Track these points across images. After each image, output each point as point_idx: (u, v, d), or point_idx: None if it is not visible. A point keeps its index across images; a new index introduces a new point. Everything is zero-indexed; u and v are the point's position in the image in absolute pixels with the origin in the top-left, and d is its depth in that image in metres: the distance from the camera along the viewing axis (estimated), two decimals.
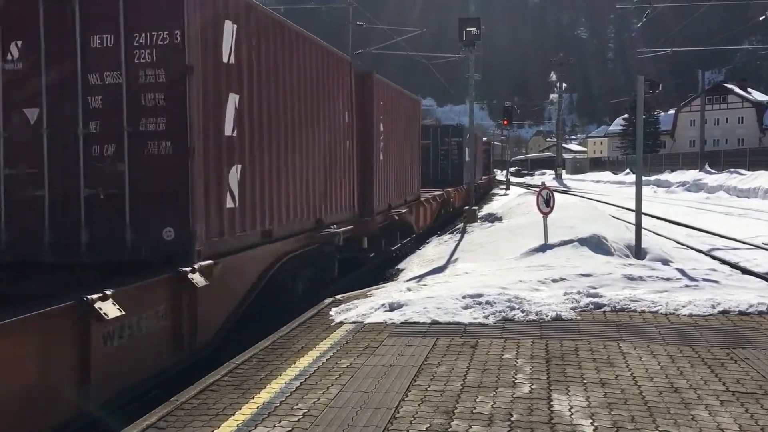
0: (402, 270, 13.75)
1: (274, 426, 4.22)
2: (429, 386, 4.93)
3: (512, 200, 28.91)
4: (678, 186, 43.59)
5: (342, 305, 7.87)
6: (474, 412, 4.39)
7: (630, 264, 9.94)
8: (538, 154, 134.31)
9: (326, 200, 10.47)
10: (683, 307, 7.27)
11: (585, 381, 4.98)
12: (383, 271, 13.84)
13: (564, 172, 77.62)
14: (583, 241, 11.18)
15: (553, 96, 75.82)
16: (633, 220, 11.98)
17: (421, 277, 10.78)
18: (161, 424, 4.33)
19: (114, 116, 6.33)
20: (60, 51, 6.38)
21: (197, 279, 6.12)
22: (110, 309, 4.98)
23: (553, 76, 70.89)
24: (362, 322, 7.03)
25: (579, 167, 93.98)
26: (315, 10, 33.94)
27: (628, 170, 63.04)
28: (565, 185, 56.10)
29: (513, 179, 61.96)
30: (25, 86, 6.45)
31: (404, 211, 15.30)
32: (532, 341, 6.14)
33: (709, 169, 46.19)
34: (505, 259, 11.19)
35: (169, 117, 6.29)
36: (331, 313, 7.54)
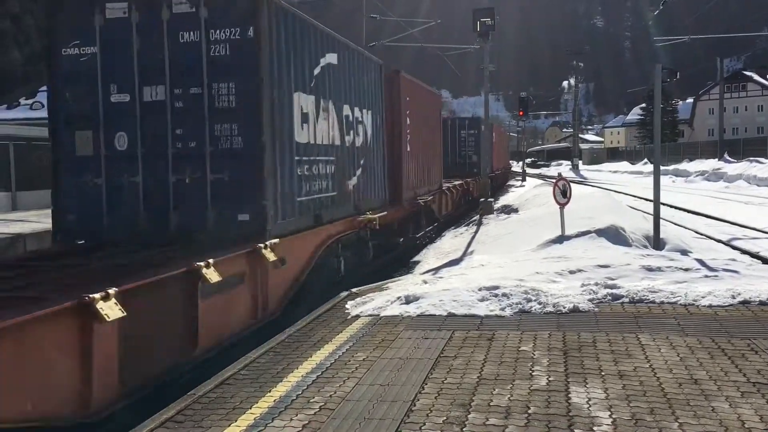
0: (418, 262, 13.72)
1: (291, 419, 4.23)
2: (445, 379, 4.92)
3: (528, 191, 28.72)
4: (697, 175, 43.08)
5: (358, 298, 7.87)
6: (491, 404, 4.37)
7: (648, 255, 9.83)
8: (554, 144, 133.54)
9: None
10: (703, 297, 7.18)
11: (603, 373, 4.93)
12: (399, 264, 13.84)
13: (580, 162, 77.08)
14: (601, 232, 11.07)
15: (568, 82, 75.28)
16: (651, 211, 11.85)
17: (437, 269, 10.76)
18: (179, 418, 4.36)
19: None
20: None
21: None
22: None
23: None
24: (378, 315, 7.03)
25: (596, 158, 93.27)
26: (329, 1, 33.84)
27: (645, 160, 62.51)
28: (581, 176, 55.68)
29: (529, 170, 61.60)
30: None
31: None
32: (549, 333, 6.10)
33: (729, 158, 45.63)
34: (522, 250, 11.12)
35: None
36: (347, 306, 7.54)
